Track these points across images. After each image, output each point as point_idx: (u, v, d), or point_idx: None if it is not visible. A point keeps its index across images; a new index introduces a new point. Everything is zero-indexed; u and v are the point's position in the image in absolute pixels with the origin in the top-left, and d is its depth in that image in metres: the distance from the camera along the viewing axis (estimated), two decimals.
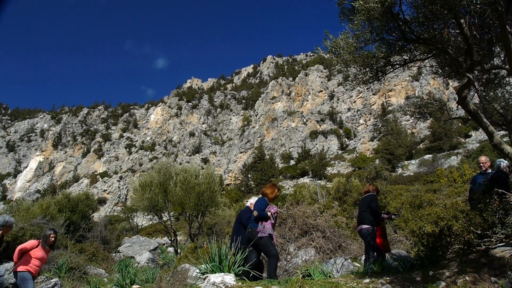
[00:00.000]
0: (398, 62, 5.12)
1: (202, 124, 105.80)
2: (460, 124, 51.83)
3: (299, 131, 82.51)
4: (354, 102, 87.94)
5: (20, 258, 5.61)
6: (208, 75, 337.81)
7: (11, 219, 5.71)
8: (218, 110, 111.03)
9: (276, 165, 67.09)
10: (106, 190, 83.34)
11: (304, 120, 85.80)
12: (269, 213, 5.46)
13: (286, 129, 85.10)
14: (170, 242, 17.07)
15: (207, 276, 5.26)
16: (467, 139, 54.10)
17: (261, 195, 5.91)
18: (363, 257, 7.61)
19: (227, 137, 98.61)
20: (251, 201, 6.17)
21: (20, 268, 5.50)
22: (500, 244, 4.39)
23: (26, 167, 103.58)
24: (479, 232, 4.47)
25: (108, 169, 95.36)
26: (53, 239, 5.82)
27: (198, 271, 6.18)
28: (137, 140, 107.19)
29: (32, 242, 5.72)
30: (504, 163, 5.76)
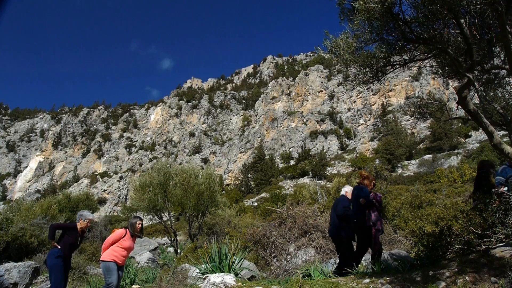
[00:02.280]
0: (398, 62, 5.12)
1: (202, 124, 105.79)
2: (460, 124, 51.82)
3: (299, 131, 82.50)
4: (354, 102, 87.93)
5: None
6: (208, 75, 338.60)
7: (87, 213, 5.74)
8: (218, 110, 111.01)
9: (276, 165, 67.06)
10: (106, 190, 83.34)
11: (304, 120, 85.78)
12: (374, 200, 5.67)
13: (286, 129, 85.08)
14: (170, 242, 17.06)
15: (207, 276, 5.27)
16: (467, 139, 54.08)
17: (358, 184, 6.02)
18: (363, 257, 7.60)
19: (227, 137, 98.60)
20: (346, 189, 6.22)
21: (107, 258, 5.35)
22: (500, 244, 4.39)
23: (26, 167, 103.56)
24: (479, 232, 4.48)
25: (108, 169, 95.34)
26: (140, 225, 5.68)
27: (198, 271, 6.18)
28: (137, 140, 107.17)
29: (120, 232, 5.56)
30: None
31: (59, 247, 5.33)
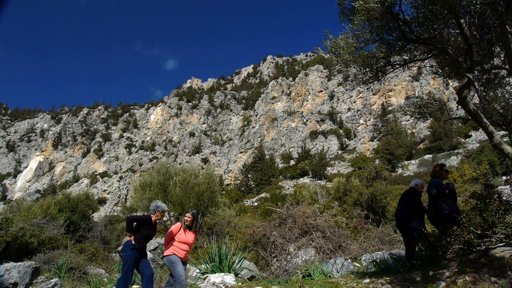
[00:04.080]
0: (398, 62, 5.12)
1: (202, 124, 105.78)
2: (460, 124, 51.81)
3: (299, 131, 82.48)
4: (354, 102, 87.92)
5: (168, 243, 5.57)
6: (208, 75, 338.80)
7: (162, 204, 5.73)
8: (218, 110, 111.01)
9: (276, 165, 67.05)
10: (106, 190, 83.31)
11: (304, 120, 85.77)
12: (446, 191, 5.71)
13: (286, 129, 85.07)
14: None
15: (207, 276, 5.28)
16: (467, 139, 54.07)
17: (432, 177, 6.07)
18: (363, 257, 7.61)
19: (227, 137, 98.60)
20: (415, 182, 6.34)
21: (166, 252, 5.45)
22: (500, 244, 4.39)
23: (26, 167, 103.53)
24: (479, 232, 4.47)
25: (108, 169, 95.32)
26: (187, 218, 5.63)
27: (198, 271, 6.19)
28: (137, 140, 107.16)
29: (173, 227, 5.59)
30: None
31: (133, 242, 5.40)
